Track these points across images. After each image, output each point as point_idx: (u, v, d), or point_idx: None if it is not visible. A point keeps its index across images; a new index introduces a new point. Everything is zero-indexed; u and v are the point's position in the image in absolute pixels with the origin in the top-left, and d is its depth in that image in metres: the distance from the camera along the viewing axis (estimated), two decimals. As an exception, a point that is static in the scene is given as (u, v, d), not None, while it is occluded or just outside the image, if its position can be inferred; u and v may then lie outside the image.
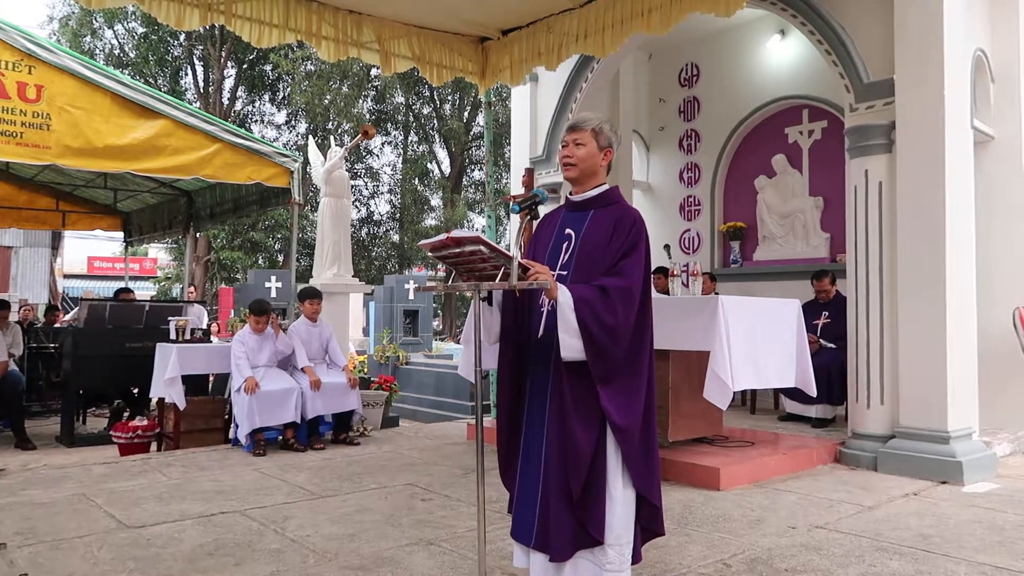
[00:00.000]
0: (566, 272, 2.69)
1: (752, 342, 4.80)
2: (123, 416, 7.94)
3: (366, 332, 16.37)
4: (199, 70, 23.66)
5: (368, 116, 24.28)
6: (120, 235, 11.67)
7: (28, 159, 6.09)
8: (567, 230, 2.78)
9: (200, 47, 22.81)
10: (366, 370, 10.21)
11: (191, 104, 16.16)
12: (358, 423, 6.88)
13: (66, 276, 25.20)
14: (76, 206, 10.66)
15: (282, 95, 24.61)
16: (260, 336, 6.37)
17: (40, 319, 10.75)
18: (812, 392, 5.28)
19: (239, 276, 22.26)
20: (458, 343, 15.77)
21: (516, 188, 8.23)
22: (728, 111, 9.08)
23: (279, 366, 6.47)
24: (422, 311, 15.24)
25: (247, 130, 12.86)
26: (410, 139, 27.26)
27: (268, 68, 23.73)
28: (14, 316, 8.52)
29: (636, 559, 2.69)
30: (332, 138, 14.04)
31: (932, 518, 4.19)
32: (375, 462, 5.74)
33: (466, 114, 26.80)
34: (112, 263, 31.06)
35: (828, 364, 6.36)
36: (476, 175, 28.16)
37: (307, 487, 4.89)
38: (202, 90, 23.43)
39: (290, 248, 8.13)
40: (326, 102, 22.78)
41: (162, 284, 25.03)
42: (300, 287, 7.15)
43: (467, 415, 9.42)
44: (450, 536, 3.81)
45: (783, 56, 8.60)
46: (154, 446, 6.93)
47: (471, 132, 26.71)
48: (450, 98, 26.80)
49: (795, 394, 6.36)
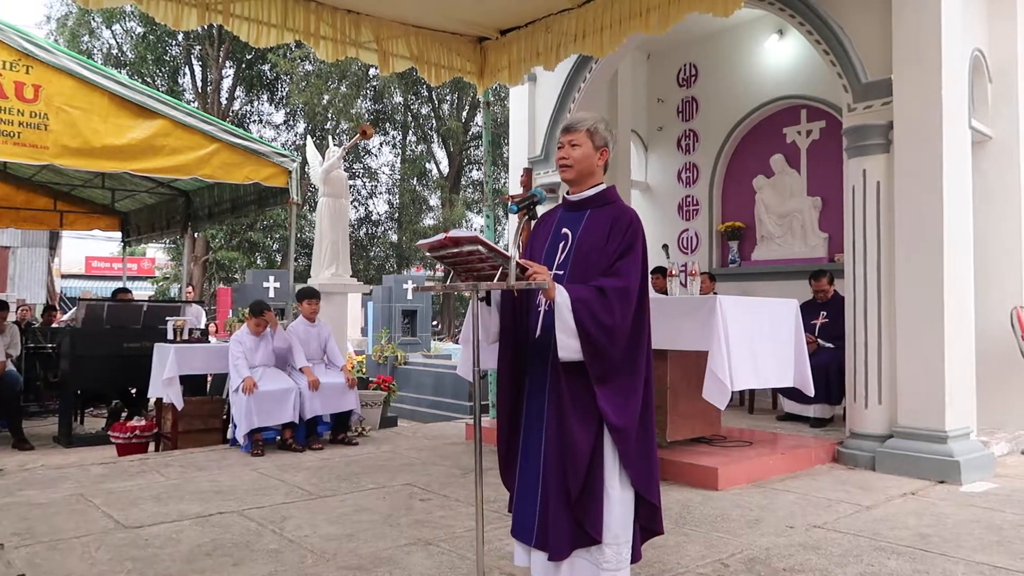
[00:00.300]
0: (563, 272, 2.69)
1: (750, 342, 4.81)
2: (121, 416, 7.93)
3: (364, 332, 16.36)
4: (197, 70, 23.66)
5: (366, 116, 24.26)
6: (118, 235, 11.67)
7: (26, 159, 6.08)
8: (564, 230, 2.78)
9: (198, 47, 22.80)
10: (364, 370, 10.20)
11: (189, 104, 16.16)
12: (356, 423, 6.88)
13: (64, 276, 25.18)
14: (74, 206, 10.65)
15: (280, 95, 24.61)
16: (258, 336, 6.37)
17: (38, 319, 10.73)
18: (810, 392, 5.29)
19: (237, 276, 22.25)
20: (456, 343, 15.78)
21: (514, 188, 8.23)
22: (726, 111, 9.09)
23: (277, 366, 6.47)
24: (420, 311, 15.25)
25: (245, 130, 12.85)
26: (408, 139, 27.25)
27: (266, 68, 23.72)
28: (12, 316, 8.50)
29: (635, 558, 2.69)
30: (330, 138, 14.03)
31: (930, 518, 4.19)
32: (373, 462, 5.74)
33: (464, 114, 26.80)
34: (110, 263, 31.04)
35: (826, 364, 6.36)
36: (474, 175, 28.16)
37: (305, 487, 4.89)
38: (200, 90, 23.42)
39: (288, 248, 8.12)
40: (324, 102, 22.78)
41: (160, 284, 25.02)
42: (298, 287, 7.15)
43: (465, 415, 9.42)
44: (448, 536, 3.81)
45: (781, 56, 8.61)
46: (152, 446, 6.93)
47: (469, 132, 26.71)
48: (448, 98, 26.80)
49: (793, 394, 6.36)
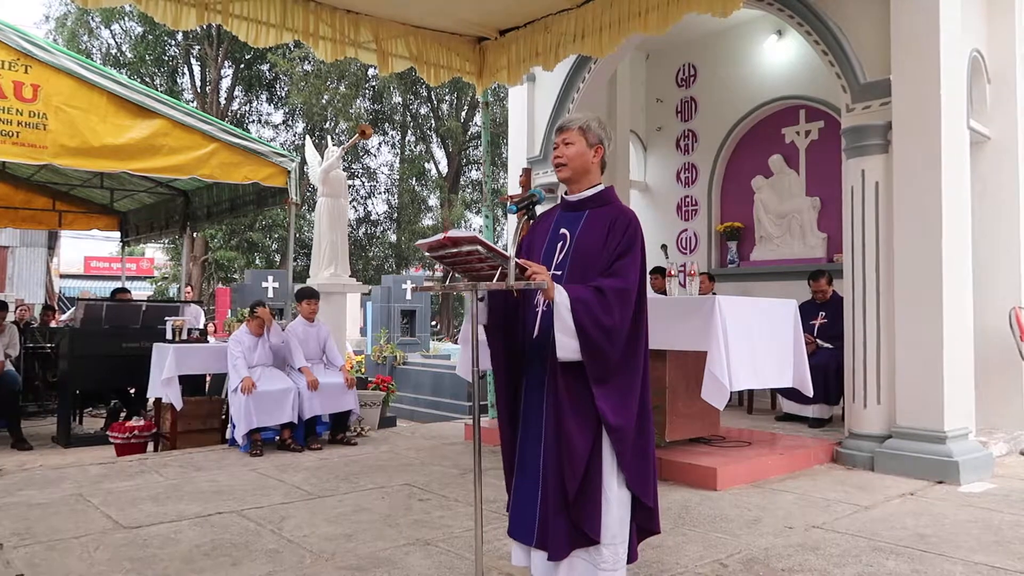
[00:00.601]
0: (561, 272, 2.69)
1: (749, 342, 4.81)
2: (120, 416, 7.93)
3: (363, 332, 16.36)
4: (196, 69, 23.65)
5: (365, 116, 24.24)
6: (117, 235, 11.66)
7: (25, 159, 6.08)
8: (562, 230, 2.78)
9: (197, 47, 22.79)
10: (363, 370, 10.21)
11: (188, 104, 16.15)
12: (355, 423, 6.88)
13: (63, 276, 25.15)
14: (73, 206, 10.65)
15: (279, 95, 24.60)
16: (257, 336, 6.37)
17: (36, 319, 10.73)
18: (809, 392, 5.29)
19: (236, 276, 22.24)
20: (455, 343, 15.78)
21: (513, 188, 8.24)
22: (725, 111, 9.09)
23: (276, 365, 6.47)
24: (419, 311, 15.25)
25: (244, 130, 12.85)
26: (407, 139, 27.25)
27: (265, 68, 23.71)
28: (10, 316, 8.49)
29: (632, 558, 2.69)
30: (329, 138, 14.04)
31: (928, 518, 4.20)
32: (372, 462, 5.74)
33: (463, 114, 26.79)
34: (109, 263, 31.01)
35: (825, 364, 6.37)
36: (473, 175, 28.16)
37: (304, 487, 4.89)
38: (199, 90, 23.42)
39: (287, 248, 8.12)
40: (323, 102, 22.77)
41: (159, 284, 25.01)
42: (297, 287, 7.14)
43: (464, 415, 9.42)
44: (447, 536, 3.81)
45: (780, 56, 8.61)
46: (151, 446, 6.92)
47: (468, 132, 26.70)
48: (447, 98, 26.78)
49: (792, 394, 6.36)
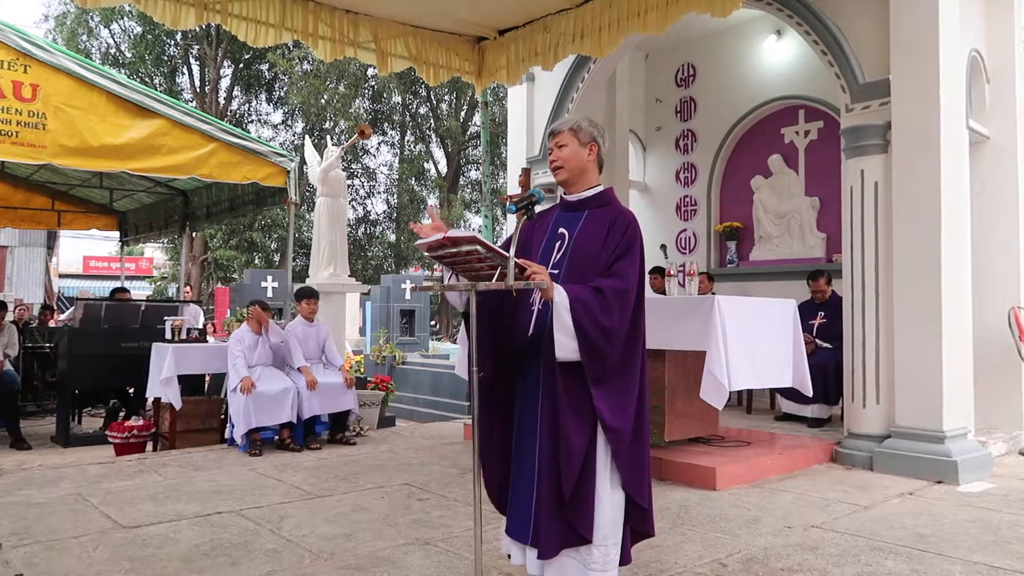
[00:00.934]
0: (558, 271, 2.69)
1: (748, 342, 4.81)
2: (119, 416, 7.92)
3: (362, 332, 16.35)
4: (195, 69, 23.63)
5: (365, 116, 24.23)
6: (116, 234, 11.66)
7: (24, 158, 6.07)
8: (560, 230, 2.79)
9: (196, 46, 22.77)
10: (363, 370, 10.21)
11: (187, 103, 16.15)
12: (354, 423, 6.88)
13: (62, 276, 25.13)
14: (72, 205, 10.64)
15: (278, 94, 24.58)
16: (257, 335, 6.37)
17: (35, 318, 10.72)
18: (808, 392, 5.30)
19: (235, 276, 22.23)
20: (455, 343, 15.77)
21: (513, 188, 8.24)
22: (724, 111, 9.09)
23: (276, 365, 6.47)
24: (419, 311, 15.23)
25: (243, 130, 12.84)
26: (407, 139, 27.22)
27: (264, 67, 23.69)
28: (9, 316, 8.49)
29: (625, 560, 2.69)
30: (328, 137, 14.04)
31: (927, 518, 4.20)
32: (371, 462, 5.74)
33: (463, 114, 26.77)
34: (108, 263, 30.99)
35: (824, 364, 6.37)
36: (473, 175, 28.15)
37: (303, 487, 4.88)
38: (198, 89, 23.40)
39: (286, 248, 8.12)
40: (323, 101, 22.75)
41: (158, 284, 24.99)
42: (296, 287, 7.14)
43: (463, 415, 9.41)
44: (446, 536, 3.81)
45: (779, 56, 8.61)
46: (150, 446, 6.92)
47: (468, 132, 26.68)
48: (447, 98, 26.76)
49: (791, 394, 6.36)
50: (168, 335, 7.00)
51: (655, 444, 5.06)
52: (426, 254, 2.64)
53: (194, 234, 18.23)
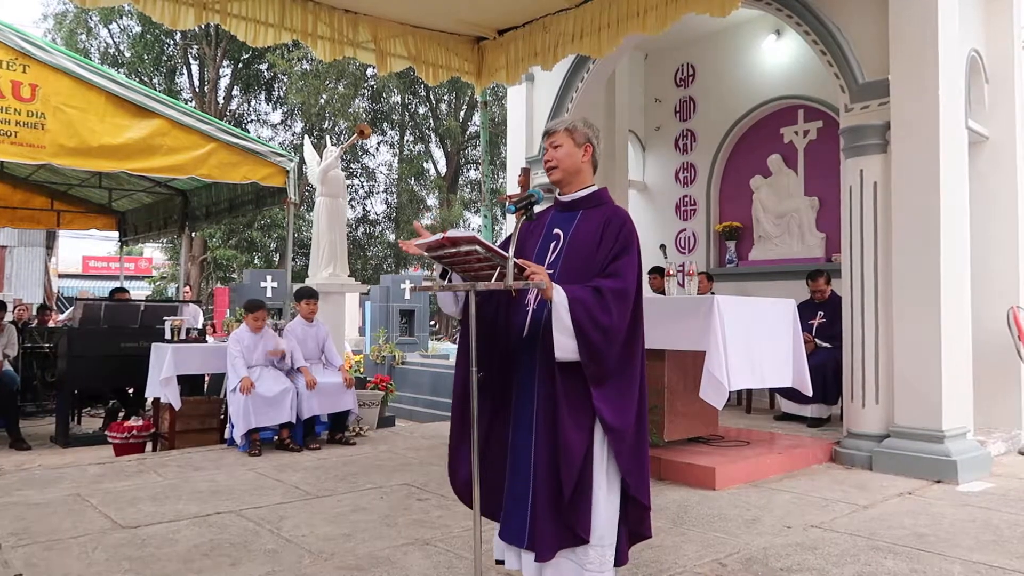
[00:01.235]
0: (553, 271, 2.68)
1: (748, 342, 4.82)
2: (118, 416, 7.92)
3: (362, 332, 16.35)
4: (194, 69, 23.62)
5: (364, 115, 24.22)
6: (115, 234, 11.65)
7: (23, 158, 6.07)
8: (555, 230, 2.79)
9: (196, 46, 22.76)
10: (362, 370, 10.21)
11: (186, 103, 16.15)
12: (354, 423, 6.87)
13: (61, 276, 25.11)
14: (71, 205, 10.64)
15: (278, 94, 24.57)
16: (256, 335, 6.36)
17: (35, 317, 10.71)
18: (808, 392, 5.30)
19: (235, 276, 22.22)
20: (454, 343, 15.76)
21: (512, 188, 8.24)
22: (724, 111, 9.10)
23: (276, 365, 6.46)
24: (418, 311, 15.24)
25: (243, 129, 12.84)
26: (406, 138, 27.22)
27: (264, 67, 23.68)
28: (9, 316, 8.49)
29: (622, 561, 2.67)
30: (328, 137, 14.03)
31: (927, 517, 4.20)
32: (371, 462, 5.73)
33: (462, 114, 26.78)
34: (107, 263, 30.97)
35: (823, 364, 6.37)
36: (472, 175, 28.15)
37: (303, 487, 4.88)
38: (197, 89, 23.39)
39: (286, 248, 8.12)
40: (322, 101, 22.74)
41: (157, 284, 24.99)
42: (296, 287, 7.13)
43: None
44: (446, 536, 3.81)
45: (779, 56, 8.61)
46: (149, 446, 6.92)
47: (467, 132, 26.69)
48: (446, 98, 26.77)
49: (790, 394, 6.36)
50: (167, 335, 6.99)
51: (654, 444, 5.06)
52: (425, 254, 2.64)
53: (193, 234, 18.24)
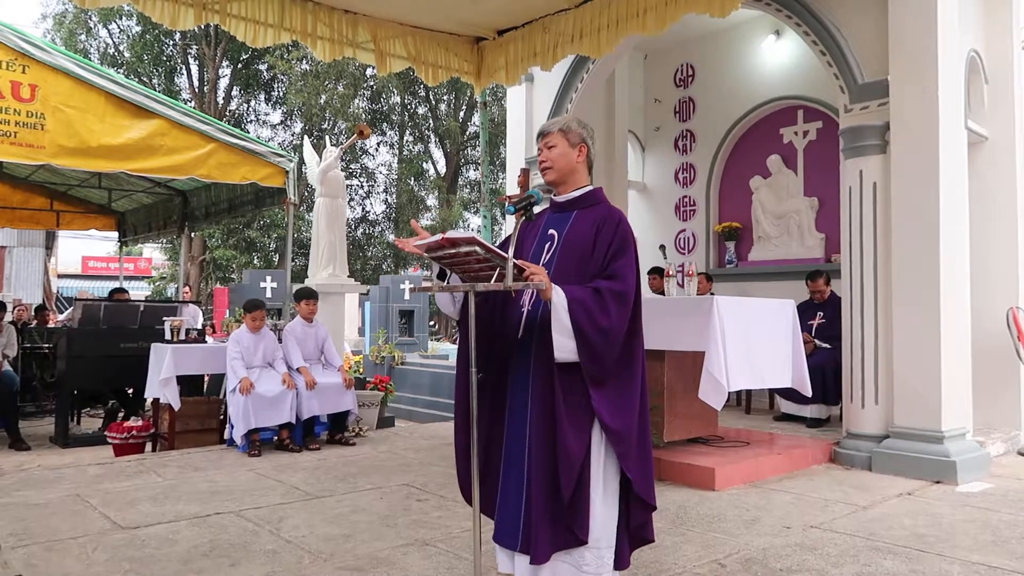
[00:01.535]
0: (547, 272, 2.68)
1: (747, 342, 4.82)
2: (118, 417, 7.92)
3: (361, 332, 16.35)
4: (194, 69, 23.61)
5: (363, 116, 24.21)
6: (115, 235, 11.65)
7: (22, 159, 6.07)
8: (550, 230, 2.79)
9: (195, 46, 22.76)
10: (362, 370, 10.21)
11: (186, 103, 16.15)
12: (353, 423, 6.87)
13: (60, 276, 25.10)
14: (71, 206, 10.63)
15: (277, 95, 24.57)
16: (256, 336, 6.35)
17: (34, 317, 10.71)
18: (807, 392, 5.30)
19: (234, 276, 22.22)
20: (454, 343, 15.76)
21: (512, 188, 8.24)
22: (723, 111, 9.10)
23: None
24: (418, 311, 15.24)
25: (242, 130, 12.84)
26: (406, 139, 27.22)
27: (263, 68, 23.68)
28: (8, 316, 8.48)
29: (622, 564, 2.66)
30: (327, 138, 14.03)
31: (926, 518, 4.20)
32: (370, 463, 5.73)
33: (462, 114, 26.78)
34: (107, 263, 30.98)
35: (823, 364, 6.37)
36: (472, 175, 28.16)
37: (302, 488, 4.88)
38: (197, 89, 23.38)
39: (285, 248, 8.11)
40: (321, 102, 22.74)
41: (157, 284, 24.99)
42: (296, 287, 7.13)
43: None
44: (445, 537, 3.81)
45: (778, 57, 8.62)
46: (149, 447, 6.92)
47: (467, 132, 26.70)
48: (446, 98, 26.77)
49: (790, 394, 6.37)
50: (167, 335, 6.99)
51: (654, 445, 5.05)
52: (424, 255, 2.63)
53: (193, 234, 18.24)
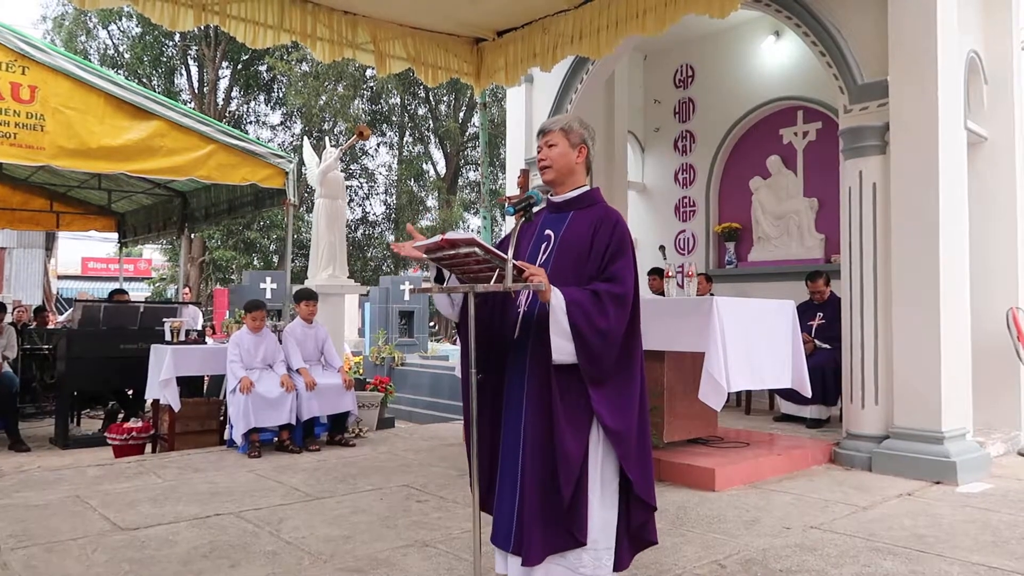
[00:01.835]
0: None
1: (747, 343, 4.82)
2: (117, 418, 7.92)
3: (361, 333, 16.35)
4: (194, 70, 23.62)
5: (363, 117, 24.23)
6: (115, 236, 11.65)
7: (22, 160, 6.07)
8: (547, 231, 2.78)
9: (195, 47, 22.77)
10: (362, 371, 10.21)
11: (186, 105, 16.14)
12: (353, 424, 6.87)
13: (60, 277, 25.09)
14: (70, 207, 10.64)
15: (277, 96, 24.58)
16: (256, 337, 6.35)
17: (32, 319, 10.71)
18: (807, 393, 5.30)
19: (234, 277, 22.22)
20: (454, 344, 15.78)
21: (511, 189, 8.24)
22: (723, 112, 9.10)
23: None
24: (417, 312, 15.25)
25: (242, 131, 12.84)
26: (405, 140, 27.23)
27: (263, 69, 23.68)
28: (8, 318, 8.49)
29: (622, 566, 2.65)
30: (327, 139, 14.03)
31: (926, 518, 4.20)
32: (370, 463, 5.73)
33: (461, 115, 26.79)
34: (106, 264, 30.97)
35: (823, 365, 6.37)
36: (471, 176, 28.15)
37: (302, 489, 4.88)
38: (196, 91, 23.39)
39: (285, 249, 8.11)
40: (321, 103, 22.75)
41: (156, 285, 24.99)
42: (295, 288, 7.13)
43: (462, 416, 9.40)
44: (445, 538, 3.81)
45: (778, 57, 8.62)
46: (149, 448, 6.92)
47: (467, 133, 26.70)
48: (445, 99, 26.78)
49: (790, 395, 6.37)
50: (167, 336, 7.00)
51: (654, 446, 5.05)
52: (424, 256, 2.63)
53: (192, 235, 18.23)
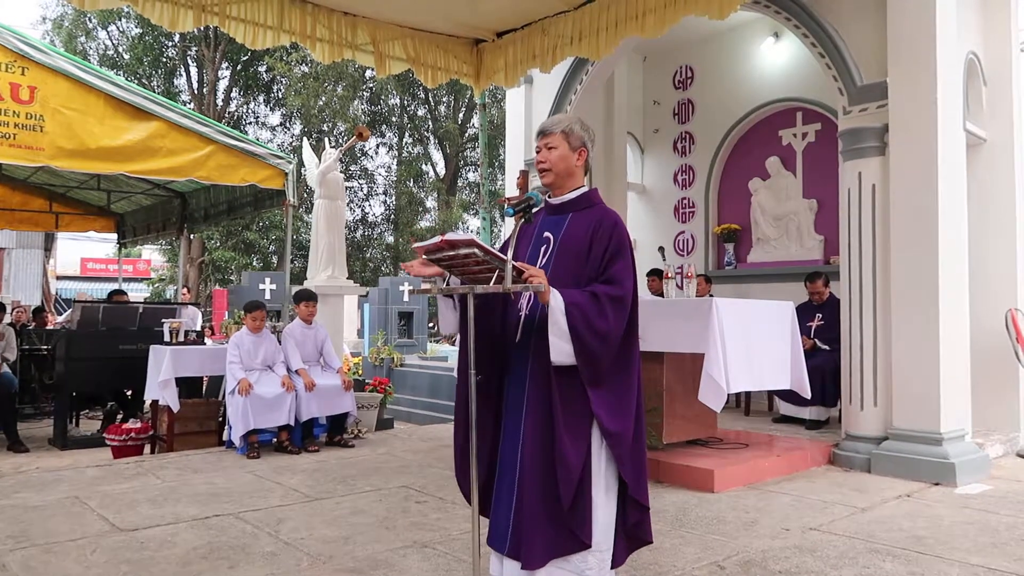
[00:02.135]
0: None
1: (746, 344, 4.82)
2: (116, 419, 7.91)
3: (360, 334, 16.35)
4: (193, 71, 23.62)
5: (363, 118, 24.23)
6: (114, 236, 11.64)
7: (21, 160, 6.07)
8: (546, 233, 2.77)
9: (194, 48, 22.76)
10: (361, 372, 10.20)
11: (185, 105, 16.13)
12: (352, 425, 6.87)
13: (59, 277, 25.10)
14: (69, 207, 10.63)
15: (276, 96, 24.58)
16: (256, 337, 6.35)
17: (31, 319, 10.71)
18: (806, 394, 5.30)
19: (233, 278, 22.21)
20: (453, 345, 15.76)
21: (511, 190, 8.24)
22: (722, 113, 9.10)
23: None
24: (417, 313, 15.25)
25: (241, 132, 12.84)
26: (405, 141, 27.23)
27: (262, 69, 23.68)
28: (7, 318, 8.48)
29: (617, 562, 2.66)
30: (327, 140, 14.03)
31: (925, 519, 4.21)
32: (369, 464, 5.73)
33: (461, 116, 26.80)
34: (105, 264, 30.96)
35: (822, 366, 6.37)
36: (471, 177, 28.15)
37: (301, 489, 4.88)
38: (196, 91, 23.38)
39: (284, 250, 8.11)
40: (321, 103, 22.75)
41: (156, 286, 24.98)
42: (295, 289, 7.12)
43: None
44: (444, 539, 3.81)
45: (777, 59, 8.62)
46: (148, 449, 6.92)
47: (466, 134, 26.71)
48: (445, 100, 26.79)
49: (789, 396, 6.37)
50: (166, 337, 6.99)
51: (653, 447, 5.06)
52: (424, 257, 2.63)
53: (192, 236, 18.23)
